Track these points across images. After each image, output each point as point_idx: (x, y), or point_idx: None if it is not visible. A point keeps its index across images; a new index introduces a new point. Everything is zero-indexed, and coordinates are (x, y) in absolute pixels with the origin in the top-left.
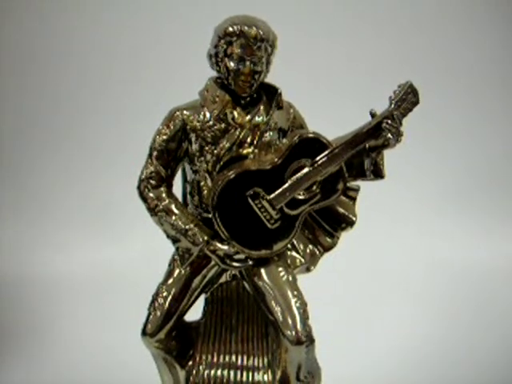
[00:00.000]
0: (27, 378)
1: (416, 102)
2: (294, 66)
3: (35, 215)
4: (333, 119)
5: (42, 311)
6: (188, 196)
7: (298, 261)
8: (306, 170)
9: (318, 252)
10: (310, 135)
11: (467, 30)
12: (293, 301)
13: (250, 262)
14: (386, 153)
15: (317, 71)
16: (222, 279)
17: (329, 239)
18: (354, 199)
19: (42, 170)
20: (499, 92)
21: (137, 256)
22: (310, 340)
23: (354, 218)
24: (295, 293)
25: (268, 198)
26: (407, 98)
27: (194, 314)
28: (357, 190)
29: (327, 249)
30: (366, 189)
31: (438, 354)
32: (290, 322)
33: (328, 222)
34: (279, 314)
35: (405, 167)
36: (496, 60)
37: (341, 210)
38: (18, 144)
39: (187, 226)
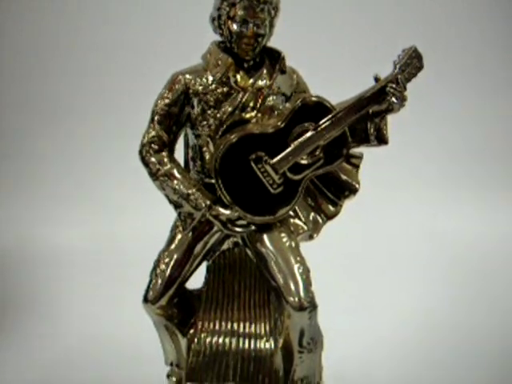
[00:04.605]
0: (27, 354)
1: (420, 67)
2: (295, 30)
3: (34, 190)
4: (336, 84)
5: (42, 286)
6: (190, 161)
7: (300, 228)
8: (309, 134)
9: (320, 220)
10: (314, 99)
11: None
12: (295, 266)
13: (253, 228)
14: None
15: (319, 36)
16: (224, 246)
17: (332, 207)
18: (357, 167)
19: (42, 144)
20: (498, 65)
21: (136, 229)
22: (313, 306)
23: (357, 186)
24: (298, 259)
25: (271, 162)
26: (412, 63)
27: (196, 283)
28: (360, 157)
29: (330, 217)
30: (367, 162)
31: (442, 329)
32: (292, 287)
33: (330, 190)
34: (282, 279)
35: (406, 142)
36: (500, 32)
37: (344, 177)
38: (16, 121)
39: (189, 191)
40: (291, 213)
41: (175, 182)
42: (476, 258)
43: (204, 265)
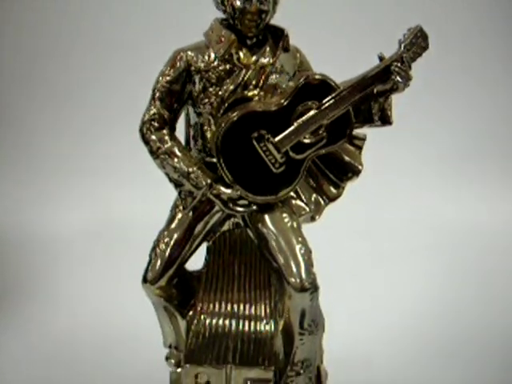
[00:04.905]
0: (25, 338)
1: (426, 47)
2: (299, 9)
3: (32, 174)
4: (340, 64)
5: (40, 269)
6: (191, 140)
7: (302, 209)
8: (312, 112)
9: (322, 201)
10: (317, 76)
11: None
12: (297, 247)
13: (254, 207)
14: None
15: (323, 14)
16: (225, 227)
17: (334, 189)
18: (360, 148)
19: (41, 128)
20: (502, 52)
21: (136, 212)
22: (315, 287)
23: (359, 167)
24: (300, 239)
25: (273, 140)
26: (417, 42)
27: (197, 265)
28: (363, 139)
29: (332, 199)
30: (368, 150)
31: (444, 318)
32: (294, 268)
33: (333, 172)
34: (283, 260)
35: (407, 130)
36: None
37: (346, 158)
38: (15, 105)
39: (190, 169)
40: (293, 194)
41: (176, 160)
42: (479, 247)
43: (204, 247)
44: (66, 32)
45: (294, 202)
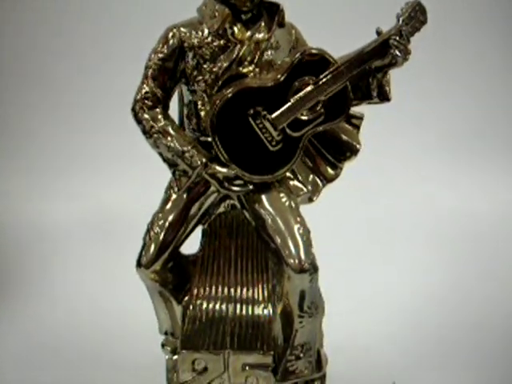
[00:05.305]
0: (22, 330)
1: (424, 22)
2: None
3: (30, 162)
4: (337, 40)
5: (38, 260)
6: (185, 119)
7: (300, 190)
8: (309, 88)
9: (320, 182)
10: (314, 51)
11: None
12: (295, 227)
13: (251, 187)
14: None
15: None
16: (221, 209)
17: (331, 170)
18: (357, 127)
19: (39, 117)
20: (500, 37)
21: (134, 202)
22: (314, 268)
23: (358, 146)
24: (298, 219)
25: (270, 117)
26: (415, 16)
27: (193, 249)
28: (361, 118)
29: (329, 180)
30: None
31: (445, 307)
32: (292, 249)
33: (330, 152)
34: (281, 241)
35: (406, 116)
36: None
37: (344, 137)
38: (13, 96)
39: (184, 148)
40: (289, 174)
41: (169, 139)
42: (479, 235)
43: (199, 230)
44: (65, 32)
45: (291, 182)
